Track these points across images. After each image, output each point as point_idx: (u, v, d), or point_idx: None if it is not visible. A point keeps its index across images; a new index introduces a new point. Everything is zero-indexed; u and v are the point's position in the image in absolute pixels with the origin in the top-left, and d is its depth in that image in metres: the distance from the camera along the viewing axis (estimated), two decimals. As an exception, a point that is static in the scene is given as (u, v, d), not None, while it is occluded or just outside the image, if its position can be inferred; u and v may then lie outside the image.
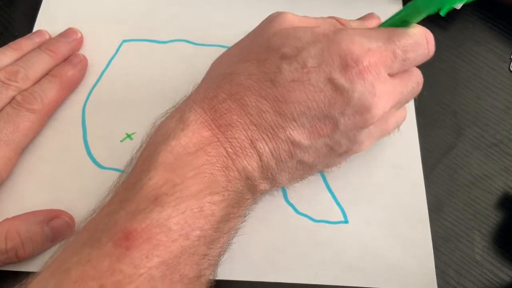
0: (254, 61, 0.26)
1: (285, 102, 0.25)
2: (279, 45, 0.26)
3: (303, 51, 0.25)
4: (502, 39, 0.39)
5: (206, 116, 0.26)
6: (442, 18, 0.40)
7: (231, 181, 0.25)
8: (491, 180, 0.33)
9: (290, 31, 0.27)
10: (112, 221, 0.23)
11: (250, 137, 0.26)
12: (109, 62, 0.37)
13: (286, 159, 0.27)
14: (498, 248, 0.31)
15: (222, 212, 0.25)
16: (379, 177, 0.33)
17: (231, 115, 0.26)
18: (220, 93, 0.26)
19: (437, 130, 0.35)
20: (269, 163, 0.26)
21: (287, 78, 0.25)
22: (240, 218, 0.27)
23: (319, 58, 0.25)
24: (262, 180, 0.27)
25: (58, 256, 0.23)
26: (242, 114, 0.26)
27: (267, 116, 0.26)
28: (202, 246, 0.24)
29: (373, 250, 0.31)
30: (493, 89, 0.37)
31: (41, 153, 0.33)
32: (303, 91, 0.25)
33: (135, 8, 0.39)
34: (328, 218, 0.32)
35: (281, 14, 0.28)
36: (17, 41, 0.35)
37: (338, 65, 0.25)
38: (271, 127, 0.26)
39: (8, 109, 0.31)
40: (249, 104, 0.26)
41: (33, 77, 0.33)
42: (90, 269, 0.21)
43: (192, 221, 0.23)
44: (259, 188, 0.27)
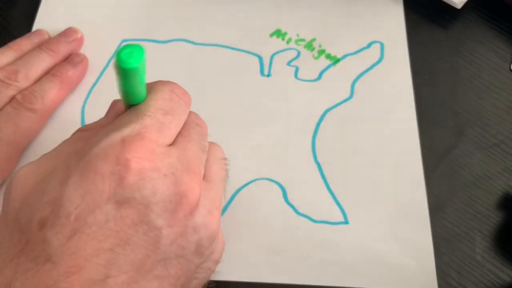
0: (18, 253, 0.20)
1: (81, 269, 0.19)
2: (30, 214, 0.20)
3: (57, 200, 0.20)
4: (504, 39, 0.39)
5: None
6: (443, 18, 0.39)
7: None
8: (492, 180, 0.33)
9: (34, 189, 0.21)
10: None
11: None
12: (108, 61, 0.37)
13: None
14: (499, 248, 0.31)
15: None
16: (379, 178, 0.33)
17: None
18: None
19: (438, 130, 0.35)
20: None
21: (61, 243, 0.19)
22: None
23: (78, 192, 0.20)
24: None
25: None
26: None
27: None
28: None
29: (374, 251, 0.31)
30: (494, 89, 0.37)
31: (40, 153, 0.33)
32: (88, 240, 0.19)
33: (135, 8, 0.39)
34: (328, 219, 0.32)
35: (13, 177, 0.22)
36: (17, 41, 0.35)
37: (103, 181, 0.20)
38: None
39: (8, 109, 0.31)
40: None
41: (33, 76, 0.33)
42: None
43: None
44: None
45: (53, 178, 0.21)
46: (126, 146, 0.20)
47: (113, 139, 0.21)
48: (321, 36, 0.38)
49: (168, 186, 0.21)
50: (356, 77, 0.37)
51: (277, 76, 0.37)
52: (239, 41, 0.38)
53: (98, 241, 0.20)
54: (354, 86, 0.36)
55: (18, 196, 0.21)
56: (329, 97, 0.36)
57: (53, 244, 0.19)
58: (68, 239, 0.19)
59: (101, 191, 0.20)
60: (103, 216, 0.20)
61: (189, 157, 0.22)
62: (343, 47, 0.38)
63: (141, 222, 0.20)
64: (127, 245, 0.20)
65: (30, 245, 0.20)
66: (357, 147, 0.34)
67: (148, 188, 0.20)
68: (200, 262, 0.23)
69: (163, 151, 0.21)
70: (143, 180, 0.20)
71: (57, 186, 0.20)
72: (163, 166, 0.21)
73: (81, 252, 0.19)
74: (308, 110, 0.35)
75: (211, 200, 0.23)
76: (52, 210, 0.20)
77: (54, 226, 0.20)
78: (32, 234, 0.20)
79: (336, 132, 0.34)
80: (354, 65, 0.37)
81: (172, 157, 0.21)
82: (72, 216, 0.20)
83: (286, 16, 0.39)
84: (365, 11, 0.40)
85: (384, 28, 0.39)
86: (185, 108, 0.24)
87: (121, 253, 0.20)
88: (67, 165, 0.21)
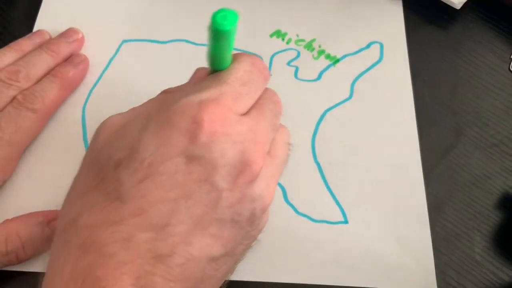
0: (92, 188, 0.22)
1: (145, 212, 0.20)
2: (110, 155, 0.22)
3: (135, 145, 0.21)
4: (503, 39, 0.39)
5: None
6: (443, 18, 0.40)
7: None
8: (491, 180, 0.33)
9: (116, 133, 0.23)
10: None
11: (130, 282, 0.19)
12: (109, 62, 0.37)
13: (190, 271, 0.21)
14: (498, 248, 0.31)
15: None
16: (379, 177, 0.33)
17: (94, 273, 0.20)
18: (71, 252, 0.21)
19: (437, 130, 0.35)
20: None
21: (132, 185, 0.21)
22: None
23: (154, 141, 0.21)
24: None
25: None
26: (105, 262, 0.20)
27: (136, 242, 0.20)
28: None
29: (373, 250, 0.31)
30: (493, 89, 0.37)
31: (40, 153, 0.33)
32: (157, 187, 0.21)
33: (135, 8, 0.39)
34: (328, 219, 0.32)
35: (103, 122, 0.24)
36: (18, 41, 0.35)
37: (178, 136, 0.21)
38: (148, 250, 0.20)
39: (9, 109, 0.31)
40: (107, 242, 0.20)
41: (34, 76, 0.33)
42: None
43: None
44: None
45: (134, 126, 0.23)
46: (203, 108, 0.21)
47: (192, 99, 0.22)
48: (321, 37, 0.38)
49: (235, 152, 0.21)
50: (355, 77, 0.37)
51: (277, 76, 0.37)
52: (239, 41, 0.38)
53: (165, 190, 0.21)
54: (354, 86, 0.36)
55: (102, 139, 0.23)
56: (329, 97, 0.36)
57: (125, 184, 0.21)
58: (139, 183, 0.21)
59: (174, 144, 0.21)
60: (173, 167, 0.21)
61: (259, 130, 0.23)
62: (343, 47, 0.38)
63: (206, 181, 0.21)
64: (189, 199, 0.21)
65: (104, 183, 0.21)
66: (357, 147, 0.34)
67: (217, 151, 0.21)
68: (250, 230, 0.24)
69: (235, 118, 0.22)
70: (213, 142, 0.21)
71: (136, 133, 0.22)
72: (233, 132, 0.22)
73: (148, 197, 0.20)
74: (308, 110, 0.35)
75: (270, 176, 0.24)
76: (128, 154, 0.21)
77: (128, 168, 0.21)
78: (107, 173, 0.22)
79: (336, 132, 0.35)
80: (354, 65, 0.37)
81: (243, 126, 0.22)
82: (145, 162, 0.21)
83: (286, 17, 0.39)
84: (364, 12, 0.40)
85: (383, 28, 0.39)
86: (262, 83, 0.25)
87: (183, 205, 0.21)
88: (148, 116, 0.23)
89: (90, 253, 0.20)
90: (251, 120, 0.23)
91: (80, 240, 0.21)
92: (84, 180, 0.23)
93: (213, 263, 0.22)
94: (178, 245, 0.21)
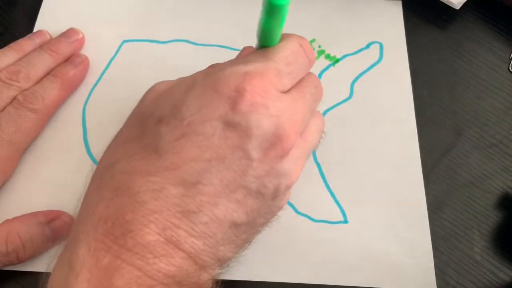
0: (132, 139, 0.23)
1: (179, 168, 0.21)
2: (153, 111, 0.23)
3: (178, 104, 0.23)
4: (502, 39, 0.39)
5: (97, 236, 0.21)
6: (442, 18, 0.40)
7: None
8: (491, 180, 0.34)
9: (162, 94, 0.25)
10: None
11: (156, 230, 0.21)
12: (109, 62, 0.37)
13: (212, 231, 0.22)
14: (497, 248, 0.31)
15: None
16: (378, 177, 0.33)
17: (124, 216, 0.21)
18: (104, 194, 0.22)
19: (437, 130, 0.35)
20: (194, 247, 0.22)
21: (170, 140, 0.22)
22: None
23: (196, 103, 0.22)
24: (200, 271, 0.22)
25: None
26: (136, 208, 0.21)
27: (166, 194, 0.21)
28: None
29: (373, 250, 0.31)
30: (493, 89, 0.37)
31: (41, 153, 0.33)
32: (193, 146, 0.22)
33: (135, 8, 0.39)
34: (328, 218, 0.32)
35: (153, 85, 0.26)
36: (18, 41, 0.35)
37: (219, 101, 0.22)
38: (176, 204, 0.21)
39: (9, 109, 0.31)
40: (140, 190, 0.21)
41: (35, 77, 0.33)
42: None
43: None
44: (203, 280, 0.23)
45: (180, 87, 0.24)
46: (247, 79, 0.22)
47: (237, 69, 0.23)
48: (320, 37, 0.38)
49: (270, 125, 0.22)
50: (355, 78, 0.37)
51: (277, 76, 0.37)
52: (239, 41, 0.38)
53: (200, 150, 0.22)
54: (354, 86, 0.37)
55: (148, 98, 0.25)
56: (329, 97, 0.36)
57: (164, 139, 0.22)
58: (177, 140, 0.22)
59: (215, 108, 0.22)
60: (211, 130, 0.22)
61: (296, 110, 0.24)
62: (343, 48, 0.38)
63: (239, 148, 0.22)
64: (222, 162, 0.22)
65: (145, 135, 0.23)
66: (357, 147, 0.34)
67: (254, 121, 0.22)
68: (272, 205, 0.24)
69: (276, 94, 0.23)
70: (252, 112, 0.22)
71: (180, 94, 0.23)
72: (272, 106, 0.22)
73: (184, 154, 0.22)
74: (308, 110, 0.35)
75: (299, 155, 0.24)
76: (171, 111, 0.23)
77: (168, 125, 0.22)
78: (149, 127, 0.23)
79: (336, 132, 0.35)
80: (354, 65, 0.37)
81: (282, 102, 0.23)
82: (185, 121, 0.22)
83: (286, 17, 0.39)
84: (364, 12, 0.40)
85: (383, 28, 0.39)
86: (307, 65, 0.26)
87: (215, 167, 0.22)
88: (194, 80, 0.24)
89: (123, 197, 0.21)
90: (290, 98, 0.24)
91: (114, 184, 0.22)
92: (126, 132, 0.25)
93: (234, 229, 0.23)
94: (204, 204, 0.22)
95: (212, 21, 0.39)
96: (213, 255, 0.23)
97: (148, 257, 0.21)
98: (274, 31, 0.24)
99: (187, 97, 0.23)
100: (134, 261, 0.20)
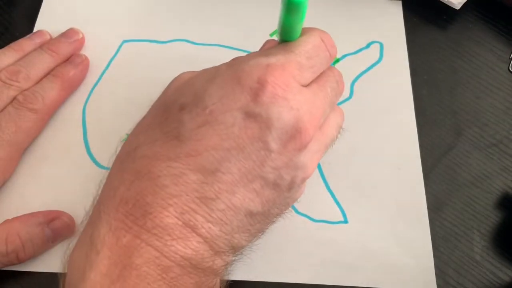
0: (155, 125, 0.24)
1: (199, 155, 0.22)
2: (176, 98, 0.24)
3: (200, 93, 0.23)
4: (502, 39, 0.39)
5: (118, 216, 0.22)
6: (442, 18, 0.40)
7: (177, 283, 0.22)
8: (491, 180, 0.34)
9: (187, 82, 0.25)
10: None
11: (174, 214, 0.22)
12: (109, 62, 0.37)
13: (229, 218, 0.23)
14: (497, 247, 0.31)
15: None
16: (378, 177, 0.33)
17: (144, 199, 0.22)
18: (126, 177, 0.23)
19: (437, 130, 0.35)
20: (211, 232, 0.22)
21: (191, 127, 0.22)
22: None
23: (218, 93, 0.23)
24: (215, 257, 0.23)
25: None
26: (156, 191, 0.22)
27: (185, 180, 0.22)
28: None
29: (373, 250, 0.31)
30: (493, 89, 0.37)
31: (41, 153, 0.33)
32: (213, 134, 0.22)
33: (135, 8, 0.40)
34: (328, 218, 0.32)
35: (178, 75, 0.27)
36: (18, 41, 0.35)
37: (241, 92, 0.22)
38: (195, 189, 0.22)
39: (9, 109, 0.32)
40: (160, 174, 0.22)
41: (35, 77, 0.33)
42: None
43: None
44: (217, 266, 0.24)
45: (203, 76, 0.24)
46: (269, 71, 0.23)
47: (260, 61, 0.23)
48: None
49: (290, 118, 0.22)
50: (355, 77, 0.37)
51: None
52: (239, 41, 0.38)
53: (220, 138, 0.22)
54: (354, 86, 0.37)
55: (172, 87, 0.26)
56: (329, 97, 0.36)
57: (186, 126, 0.22)
58: (198, 127, 0.22)
59: (237, 99, 0.22)
60: (232, 119, 0.22)
61: (316, 104, 0.24)
62: (343, 47, 0.38)
63: (258, 139, 0.22)
64: (241, 152, 0.22)
65: (167, 122, 0.23)
66: (357, 147, 0.34)
67: (274, 112, 0.22)
68: (287, 197, 0.25)
69: (297, 87, 0.23)
70: (273, 103, 0.22)
71: (203, 82, 0.24)
72: (292, 99, 0.23)
73: (204, 141, 0.22)
74: (308, 110, 0.35)
75: (317, 149, 0.25)
76: (193, 99, 0.23)
77: (191, 112, 0.23)
78: (171, 114, 0.23)
79: (336, 132, 0.35)
80: (354, 65, 0.37)
81: (302, 95, 0.23)
82: (207, 110, 0.22)
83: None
84: (364, 12, 0.40)
85: (383, 28, 0.39)
86: (328, 59, 0.26)
87: (235, 156, 0.22)
88: (217, 70, 0.24)
89: (144, 180, 0.22)
90: (311, 92, 0.24)
91: (136, 167, 0.23)
92: (150, 119, 0.25)
93: (250, 218, 0.24)
94: (222, 192, 0.22)
95: (212, 21, 0.39)
96: (228, 242, 0.23)
97: (166, 239, 0.21)
98: (294, 27, 0.24)
99: (209, 86, 0.23)
100: (152, 241, 0.21)
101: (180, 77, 0.26)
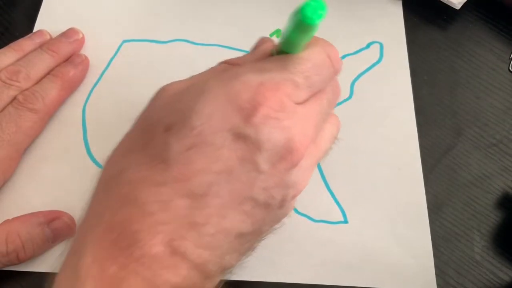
0: (140, 147, 0.22)
1: (187, 180, 0.21)
2: (161, 117, 0.22)
3: (187, 111, 0.21)
4: (502, 40, 0.39)
5: (104, 244, 0.21)
6: (442, 18, 0.40)
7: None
8: (491, 180, 0.34)
9: (172, 98, 0.23)
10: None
11: (163, 242, 0.20)
12: (109, 62, 0.37)
13: (219, 242, 0.22)
14: (497, 247, 0.31)
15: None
16: (378, 177, 0.33)
17: (131, 226, 0.20)
18: (110, 203, 0.22)
19: (437, 130, 0.35)
20: (201, 258, 0.21)
21: (179, 150, 0.21)
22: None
23: (206, 111, 0.21)
24: (206, 281, 0.22)
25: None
26: (143, 218, 0.21)
27: (174, 205, 0.21)
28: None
29: (373, 250, 0.31)
30: (493, 89, 0.37)
31: (41, 153, 0.33)
32: (202, 157, 0.21)
33: (135, 8, 0.39)
34: (328, 218, 0.32)
35: (162, 87, 0.25)
36: (18, 41, 0.35)
37: (231, 111, 0.21)
38: (184, 215, 0.21)
39: (9, 109, 0.31)
40: (147, 200, 0.21)
41: (35, 77, 0.33)
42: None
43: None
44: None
45: (189, 92, 0.23)
46: (261, 91, 0.21)
47: (252, 79, 0.22)
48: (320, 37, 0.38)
49: (281, 139, 0.21)
50: (355, 77, 0.37)
51: (277, 76, 0.37)
52: (239, 41, 0.38)
53: (209, 161, 0.21)
54: (354, 86, 0.37)
55: (157, 102, 0.24)
56: (329, 97, 0.36)
57: (173, 149, 0.21)
58: (186, 150, 0.21)
59: (227, 119, 0.21)
60: (221, 140, 0.21)
61: (310, 122, 0.23)
62: (343, 48, 0.38)
63: (248, 160, 0.21)
64: (230, 174, 0.21)
65: (152, 144, 0.22)
66: (357, 147, 0.34)
67: (265, 134, 0.21)
68: (278, 214, 0.24)
69: (291, 106, 0.22)
70: (264, 124, 0.21)
71: (190, 99, 0.22)
72: (284, 118, 0.22)
73: (193, 165, 0.21)
74: (308, 110, 0.35)
75: (309, 166, 0.24)
76: (180, 119, 0.21)
77: (178, 134, 0.21)
78: (157, 135, 0.22)
79: (336, 132, 0.35)
80: (354, 65, 0.37)
81: (296, 114, 0.22)
82: (195, 130, 0.21)
83: (286, 16, 0.39)
84: (364, 12, 0.40)
85: (383, 28, 0.39)
86: (332, 76, 0.24)
87: (224, 178, 0.21)
88: (206, 84, 0.22)
89: (130, 207, 0.21)
90: (305, 110, 0.23)
91: (122, 192, 0.21)
92: (133, 139, 0.24)
93: (240, 239, 0.23)
94: (212, 216, 0.21)
95: (212, 21, 0.39)
96: (219, 264, 0.23)
97: (155, 268, 0.20)
98: (299, 43, 0.22)
99: (197, 104, 0.22)
100: (141, 271, 0.20)
101: (163, 91, 0.24)
